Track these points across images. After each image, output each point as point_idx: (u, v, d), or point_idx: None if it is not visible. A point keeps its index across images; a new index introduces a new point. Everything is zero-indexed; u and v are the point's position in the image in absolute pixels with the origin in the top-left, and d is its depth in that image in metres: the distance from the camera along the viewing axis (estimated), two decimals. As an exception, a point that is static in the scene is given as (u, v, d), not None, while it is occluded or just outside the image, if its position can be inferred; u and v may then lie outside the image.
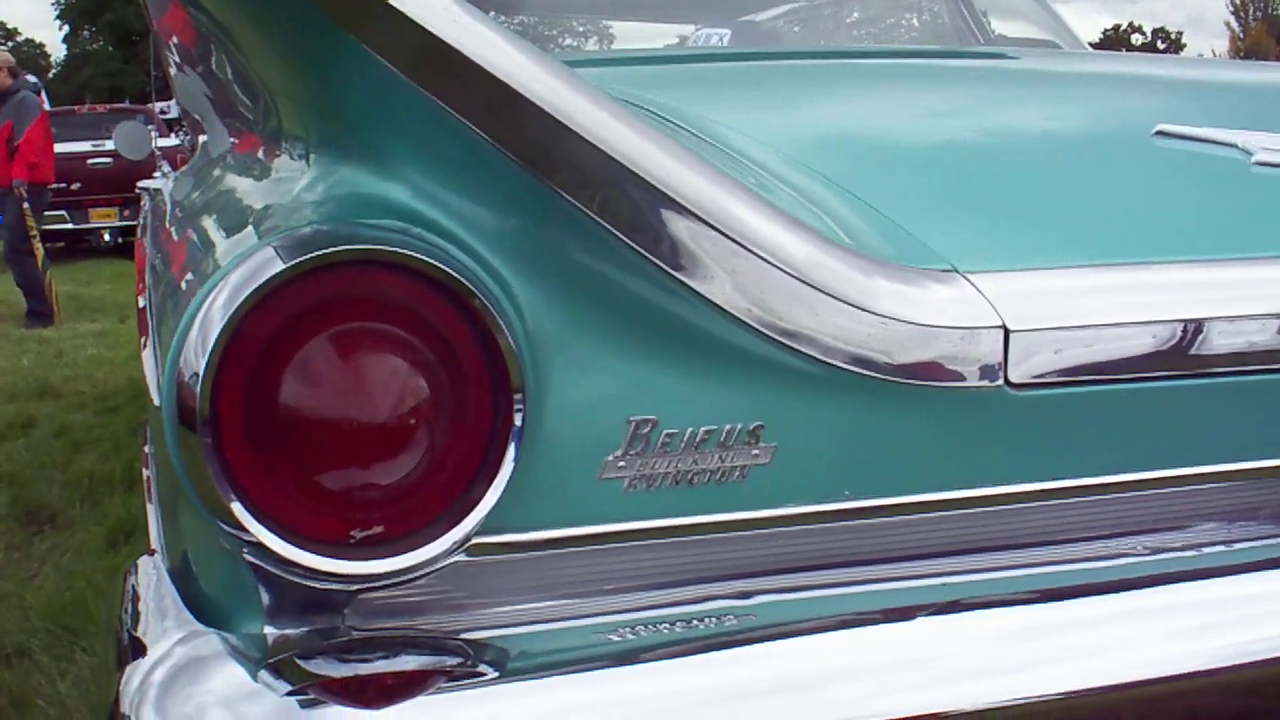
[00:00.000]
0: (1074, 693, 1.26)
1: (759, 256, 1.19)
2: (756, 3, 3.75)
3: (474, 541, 1.20)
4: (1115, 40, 78.95)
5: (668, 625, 1.25)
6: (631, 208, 1.17)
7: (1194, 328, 1.36)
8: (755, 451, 1.25)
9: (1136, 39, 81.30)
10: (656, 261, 1.18)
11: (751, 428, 1.25)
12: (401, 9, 1.10)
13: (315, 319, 1.15)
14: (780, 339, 1.22)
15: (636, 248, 1.18)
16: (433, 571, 1.20)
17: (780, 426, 1.26)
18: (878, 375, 1.25)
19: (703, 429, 1.24)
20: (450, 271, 1.14)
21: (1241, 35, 66.26)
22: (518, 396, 1.17)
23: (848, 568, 1.32)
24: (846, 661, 1.24)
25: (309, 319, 1.14)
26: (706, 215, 1.17)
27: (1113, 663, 1.28)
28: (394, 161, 1.22)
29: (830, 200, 1.41)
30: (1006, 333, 1.27)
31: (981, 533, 1.35)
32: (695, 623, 1.26)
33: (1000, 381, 1.28)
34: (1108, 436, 1.36)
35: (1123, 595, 1.32)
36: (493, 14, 3.54)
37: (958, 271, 1.29)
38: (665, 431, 1.23)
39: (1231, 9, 69.76)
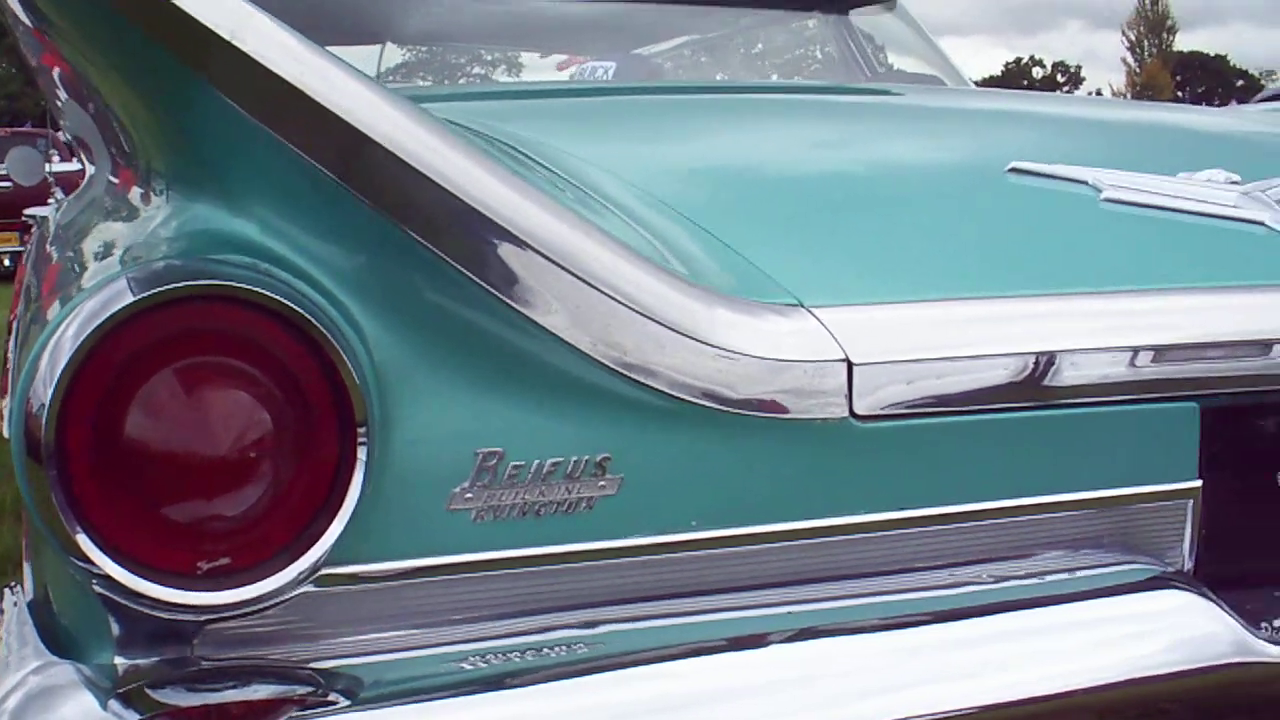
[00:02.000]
0: (923, 718, 1.33)
1: (602, 292, 1.26)
2: (645, 36, 3.84)
3: (323, 572, 1.26)
4: (1017, 73, 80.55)
5: (517, 654, 1.32)
6: (476, 245, 1.24)
7: (1038, 360, 1.45)
8: (602, 483, 1.32)
9: (1037, 72, 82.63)
10: (501, 297, 1.25)
11: (598, 459, 1.32)
12: (246, 50, 1.17)
13: (164, 352, 1.21)
14: (625, 373, 1.29)
15: (482, 284, 1.25)
16: (281, 602, 1.25)
17: (627, 458, 1.33)
18: (723, 408, 1.32)
19: (549, 461, 1.31)
20: (295, 307, 1.20)
21: (1138, 70, 67.82)
22: (362, 430, 1.23)
23: (697, 597, 1.39)
24: (696, 688, 1.31)
25: (157, 352, 1.20)
26: (549, 252, 1.25)
27: (960, 689, 1.36)
28: (245, 198, 1.29)
29: (680, 235, 1.48)
30: (850, 366, 1.35)
31: (830, 562, 1.42)
32: (545, 651, 1.32)
33: (845, 414, 1.36)
34: (953, 466, 1.44)
35: (968, 622, 1.40)
36: (390, 44, 3.62)
37: (802, 305, 1.36)
38: (512, 463, 1.30)
39: (1127, 45, 71.40)
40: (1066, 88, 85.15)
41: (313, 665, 1.29)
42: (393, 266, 1.27)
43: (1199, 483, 1.55)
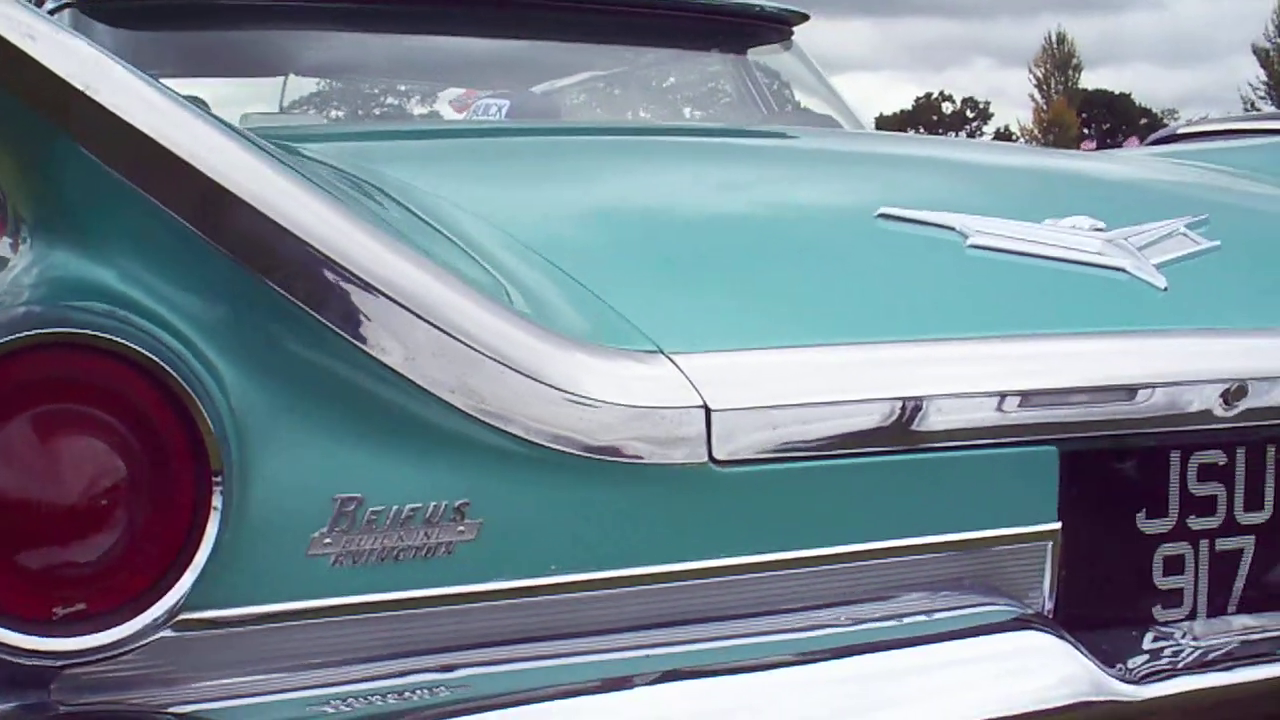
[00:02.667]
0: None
1: (458, 339, 1.29)
2: (545, 72, 3.89)
3: (181, 617, 1.28)
4: (927, 107, 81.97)
5: (379, 697, 1.35)
6: (333, 293, 1.27)
7: (899, 405, 1.50)
8: (461, 528, 1.35)
9: (947, 107, 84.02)
10: (359, 345, 1.29)
11: (457, 504, 1.35)
12: (101, 102, 1.20)
13: (19, 398, 1.23)
14: (483, 419, 1.33)
15: (340, 332, 1.28)
16: (139, 647, 1.28)
17: (486, 503, 1.36)
18: (582, 454, 1.36)
19: (408, 506, 1.34)
20: (151, 355, 1.23)
21: (1045, 107, 69.25)
22: (218, 477, 1.25)
23: (558, 640, 1.42)
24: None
25: (12, 398, 1.23)
26: (406, 300, 1.28)
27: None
28: (105, 246, 1.31)
29: (542, 280, 1.52)
30: (708, 412, 1.38)
31: (691, 605, 1.46)
32: (407, 695, 1.35)
33: (705, 459, 1.40)
34: (814, 510, 1.49)
35: (823, 665, 1.44)
36: (293, 76, 3.64)
37: (661, 352, 1.41)
38: (371, 509, 1.33)
39: (1034, 82, 72.85)
40: (976, 123, 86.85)
41: (173, 710, 1.31)
42: (252, 314, 1.30)
43: (1059, 525, 1.60)
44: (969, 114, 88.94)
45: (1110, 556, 1.68)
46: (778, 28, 3.87)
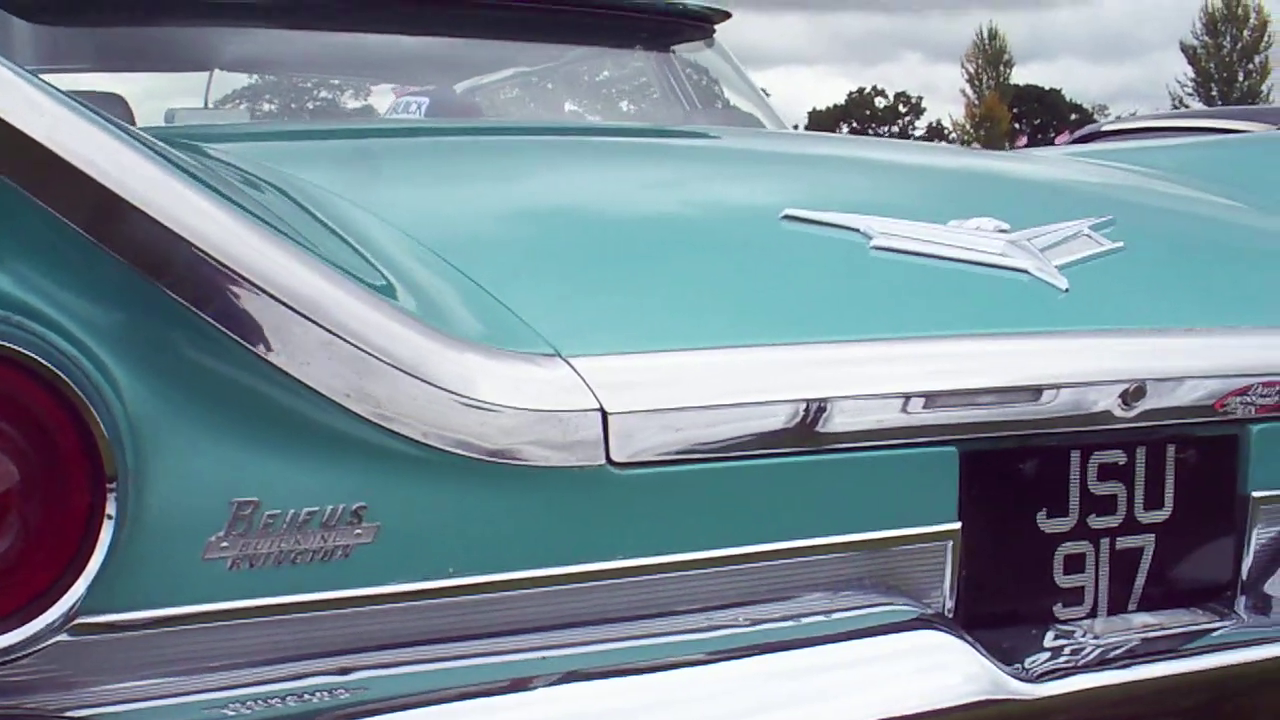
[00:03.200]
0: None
1: (353, 344, 1.31)
2: (469, 69, 3.90)
3: (78, 621, 1.29)
4: (860, 102, 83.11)
5: (278, 700, 1.36)
6: (227, 299, 1.29)
7: (799, 407, 1.52)
8: (358, 531, 1.37)
9: (880, 102, 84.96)
10: (254, 350, 1.30)
11: (354, 508, 1.37)
12: None
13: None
14: (379, 423, 1.35)
15: (234, 337, 1.30)
16: (34, 652, 1.29)
17: (383, 506, 1.38)
18: (479, 457, 1.38)
19: (305, 510, 1.35)
20: (44, 361, 1.24)
21: (977, 102, 70.21)
22: (113, 482, 1.27)
23: (458, 642, 1.44)
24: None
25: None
26: (299, 305, 1.30)
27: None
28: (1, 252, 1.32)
29: (441, 283, 1.54)
30: (605, 415, 1.41)
31: (591, 606, 1.48)
32: (306, 697, 1.37)
33: (602, 461, 1.42)
34: (713, 511, 1.51)
35: (722, 665, 1.47)
36: (218, 71, 3.64)
37: (559, 354, 1.43)
38: (267, 513, 1.34)
39: (966, 77, 73.79)
40: (908, 117, 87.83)
41: (70, 714, 1.32)
42: (147, 320, 1.31)
43: (959, 525, 1.63)
44: (902, 109, 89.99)
45: (1011, 556, 1.71)
46: (700, 25, 3.91)
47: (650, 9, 3.83)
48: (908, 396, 1.57)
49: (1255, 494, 1.85)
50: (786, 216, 1.84)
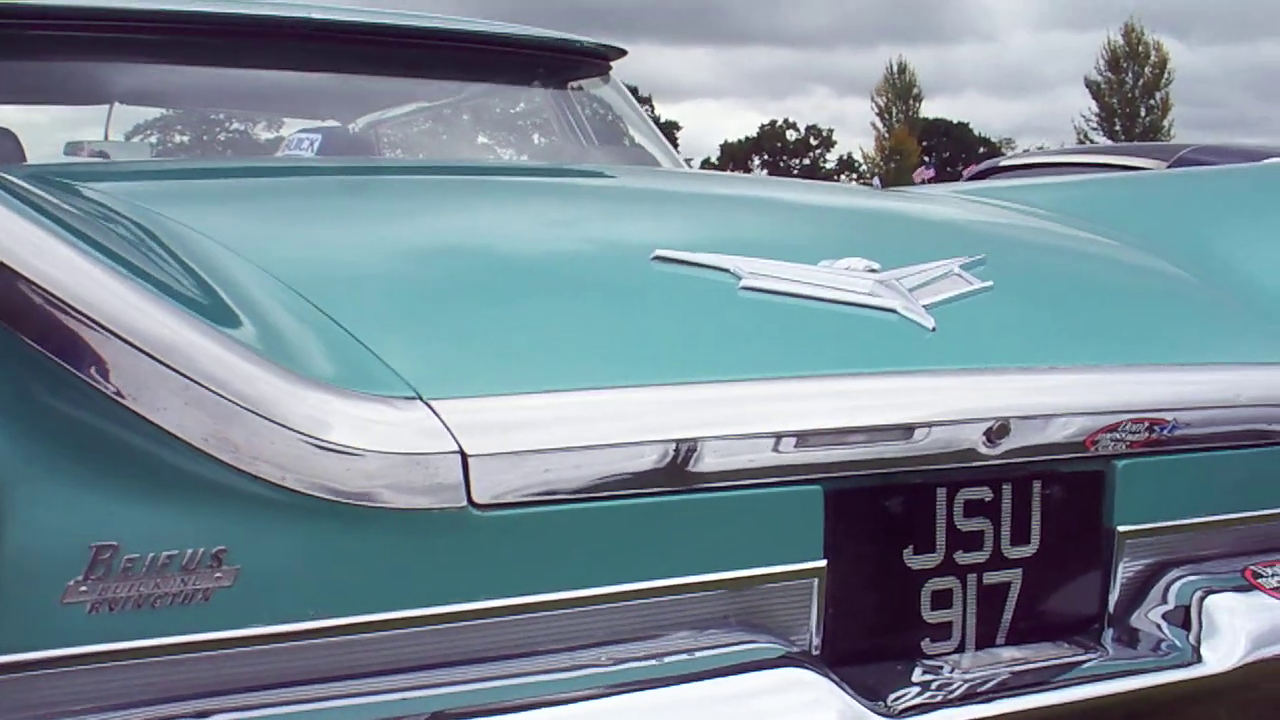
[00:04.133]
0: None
1: (209, 389, 1.34)
2: (367, 104, 3.94)
3: None
4: (772, 134, 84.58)
5: (140, 744, 1.38)
6: (83, 345, 1.31)
7: (664, 448, 1.56)
8: (218, 574, 1.39)
9: (791, 135, 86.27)
10: (111, 396, 1.33)
11: (215, 551, 1.39)
12: None
13: None
14: (238, 467, 1.37)
15: (91, 383, 1.32)
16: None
17: (243, 549, 1.40)
18: (339, 500, 1.41)
19: (165, 554, 1.37)
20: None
21: (886, 135, 71.51)
22: (-33, 527, 1.29)
23: (320, 684, 1.46)
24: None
25: None
26: (155, 350, 1.32)
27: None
28: None
29: (304, 326, 1.56)
30: (465, 457, 1.44)
31: (454, 647, 1.51)
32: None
33: (464, 504, 1.45)
34: (578, 552, 1.55)
35: (586, 704, 1.50)
36: (118, 104, 3.64)
37: (419, 398, 1.46)
38: (127, 556, 1.36)
39: (876, 111, 75.01)
40: (819, 150, 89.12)
41: (-74, 761, 1.34)
42: (5, 365, 1.34)
43: (824, 563, 1.67)
44: (813, 141, 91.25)
45: (877, 592, 1.75)
46: (596, 62, 3.96)
47: (547, 46, 3.89)
48: (771, 436, 1.61)
49: (1121, 528, 1.90)
50: (657, 257, 1.87)
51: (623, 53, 3.98)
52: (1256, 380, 2.03)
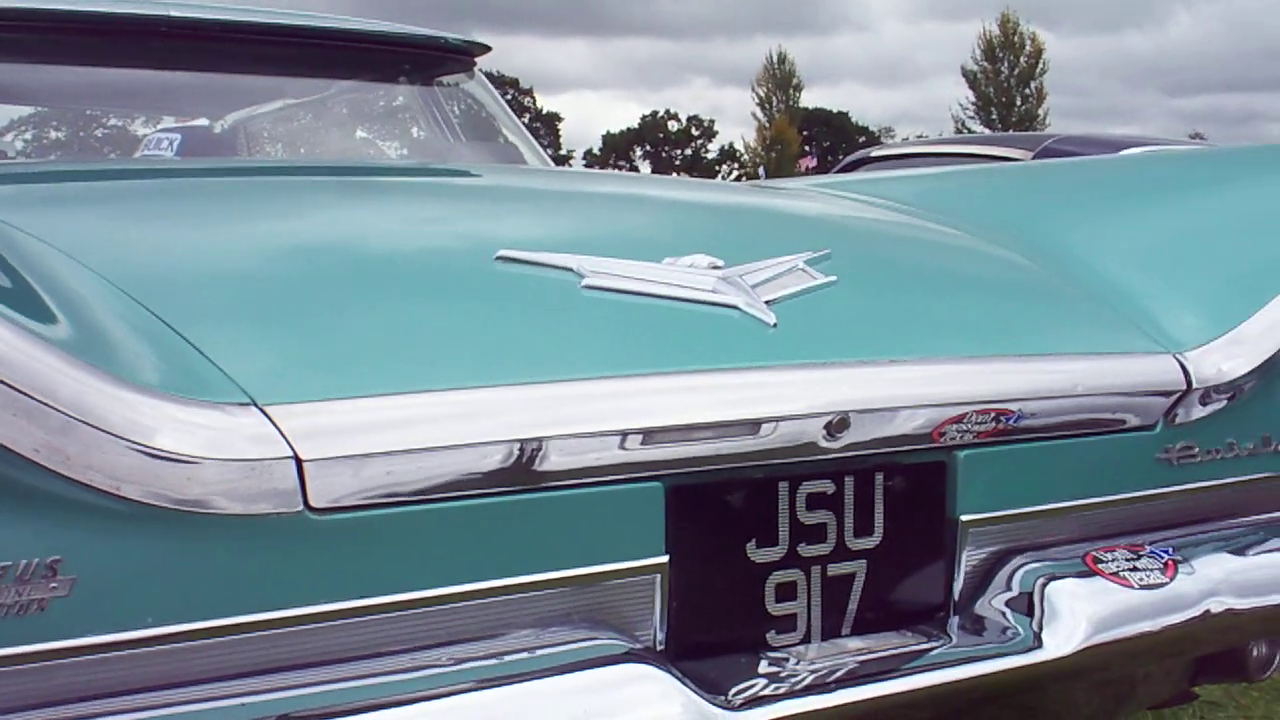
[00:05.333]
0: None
1: (38, 399, 1.35)
2: (231, 102, 3.93)
3: None
4: (653, 125, 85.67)
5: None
6: None
7: (504, 448, 1.59)
8: (53, 584, 1.41)
9: (673, 125, 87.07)
10: None
11: (49, 561, 1.40)
12: None
13: None
14: (71, 476, 1.39)
15: None
16: None
17: (79, 559, 1.42)
18: (175, 507, 1.43)
19: (-3, 564, 1.39)
20: None
21: (767, 125, 72.46)
22: None
23: (161, 691, 1.48)
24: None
25: None
26: None
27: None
28: None
29: (139, 332, 1.56)
30: (300, 462, 1.46)
31: (298, 650, 1.54)
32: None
33: (301, 508, 1.48)
34: (418, 553, 1.58)
35: (426, 705, 1.53)
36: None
37: (254, 403, 1.48)
38: (-42, 568, 1.38)
39: (757, 100, 75.99)
40: (701, 140, 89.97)
41: None
42: None
43: (666, 558, 1.71)
44: (694, 132, 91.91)
45: (721, 586, 1.79)
46: (460, 58, 3.99)
47: (412, 43, 3.91)
48: (609, 435, 1.65)
49: (964, 518, 1.96)
50: (501, 257, 1.90)
51: (487, 49, 4.02)
52: (1094, 369, 2.10)
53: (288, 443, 1.45)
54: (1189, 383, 2.13)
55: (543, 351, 1.74)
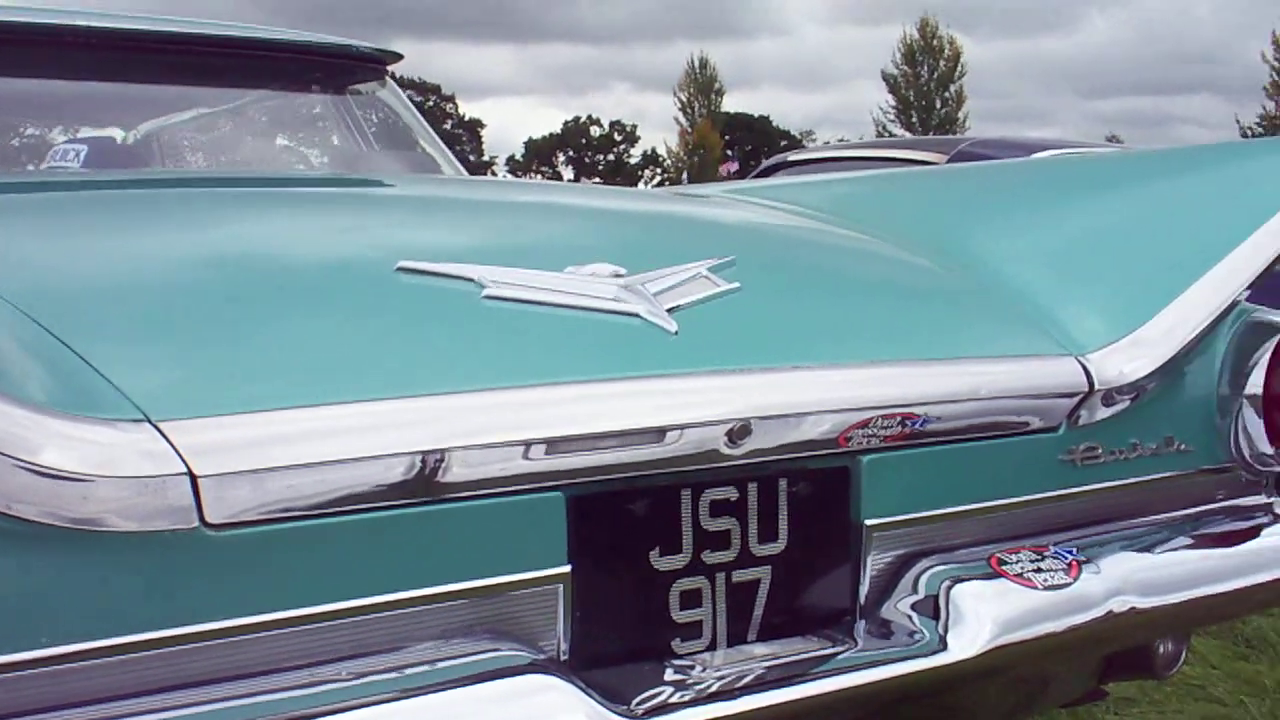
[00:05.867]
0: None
1: None
2: (142, 112, 3.91)
3: None
4: (576, 131, 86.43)
5: None
6: None
7: (403, 461, 1.60)
8: (-57, 606, 1.40)
9: (596, 130, 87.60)
10: None
11: (-67, 583, 1.40)
12: None
13: None
14: None
15: None
16: None
17: (-33, 579, 1.41)
18: (66, 525, 1.42)
19: (-115, 587, 1.38)
20: None
21: (690, 129, 73.15)
22: None
23: (55, 712, 1.47)
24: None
25: None
26: None
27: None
28: None
29: (25, 346, 1.55)
30: (194, 479, 1.46)
31: (196, 668, 1.53)
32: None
33: (196, 524, 1.47)
34: (318, 568, 1.57)
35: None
36: None
37: (148, 419, 1.47)
38: None
39: (679, 105, 76.66)
40: (623, 145, 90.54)
41: None
42: None
43: (569, 568, 1.72)
44: (617, 137, 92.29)
45: (625, 595, 1.80)
46: (372, 67, 3.99)
47: (323, 51, 3.91)
48: (509, 445, 1.65)
49: (869, 522, 1.98)
50: (402, 268, 1.89)
51: (399, 57, 4.02)
52: (998, 372, 2.12)
53: (182, 459, 1.45)
54: (1091, 384, 2.15)
55: (441, 363, 1.75)
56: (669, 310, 1.90)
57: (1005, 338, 2.25)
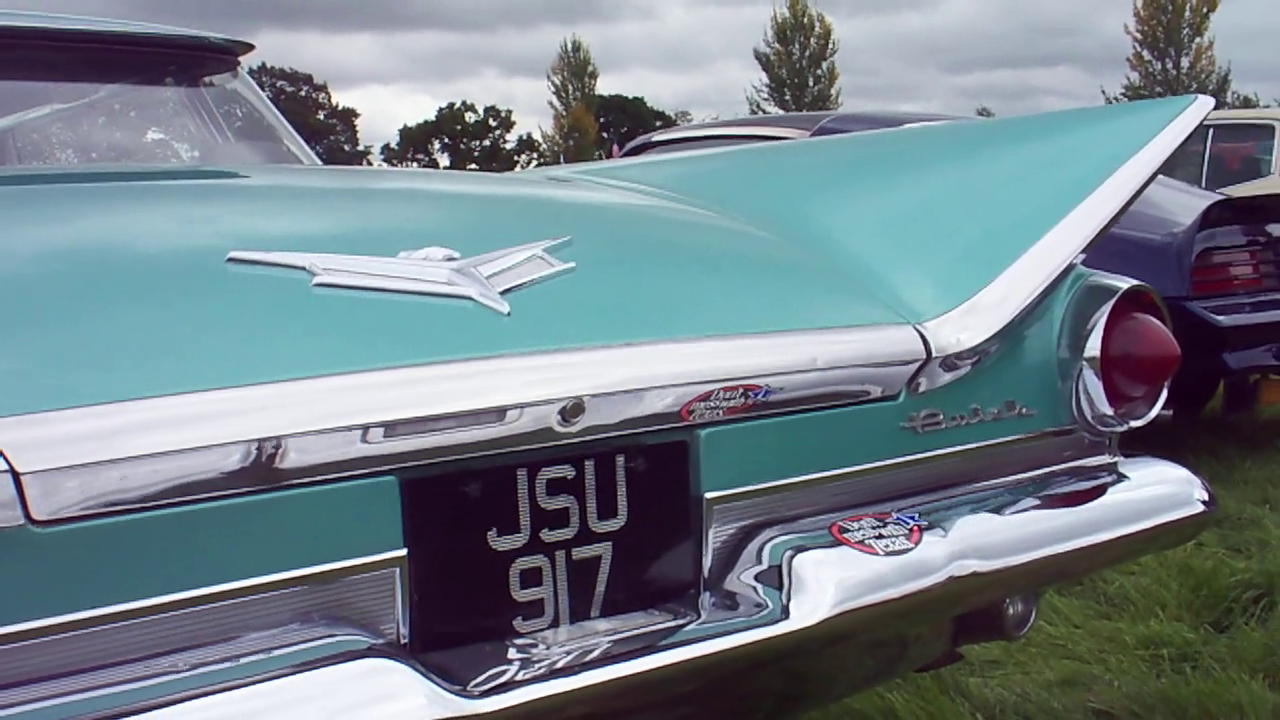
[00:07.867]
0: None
1: None
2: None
3: None
4: (450, 117, 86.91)
5: None
6: None
7: (233, 450, 1.62)
8: None
9: (470, 117, 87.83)
10: None
11: None
12: None
13: None
14: None
15: None
16: None
17: None
18: None
19: None
20: None
21: (565, 113, 73.42)
22: None
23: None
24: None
25: None
26: None
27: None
28: None
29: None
30: (17, 475, 1.47)
31: (26, 666, 1.54)
32: None
33: (22, 521, 1.49)
34: (149, 561, 1.59)
35: (158, 713, 1.54)
36: None
37: None
38: None
39: (553, 89, 77.05)
40: (499, 131, 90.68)
41: None
42: None
43: (405, 551, 1.74)
44: (492, 123, 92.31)
45: (463, 576, 1.84)
46: (224, 58, 3.99)
47: (174, 43, 3.90)
48: (341, 430, 1.68)
49: (709, 495, 2.02)
50: (232, 259, 1.91)
51: (250, 47, 4.03)
52: (837, 342, 2.17)
53: (3, 455, 1.46)
54: (929, 352, 2.21)
55: (269, 351, 1.77)
56: (502, 292, 1.93)
57: (844, 308, 2.30)
